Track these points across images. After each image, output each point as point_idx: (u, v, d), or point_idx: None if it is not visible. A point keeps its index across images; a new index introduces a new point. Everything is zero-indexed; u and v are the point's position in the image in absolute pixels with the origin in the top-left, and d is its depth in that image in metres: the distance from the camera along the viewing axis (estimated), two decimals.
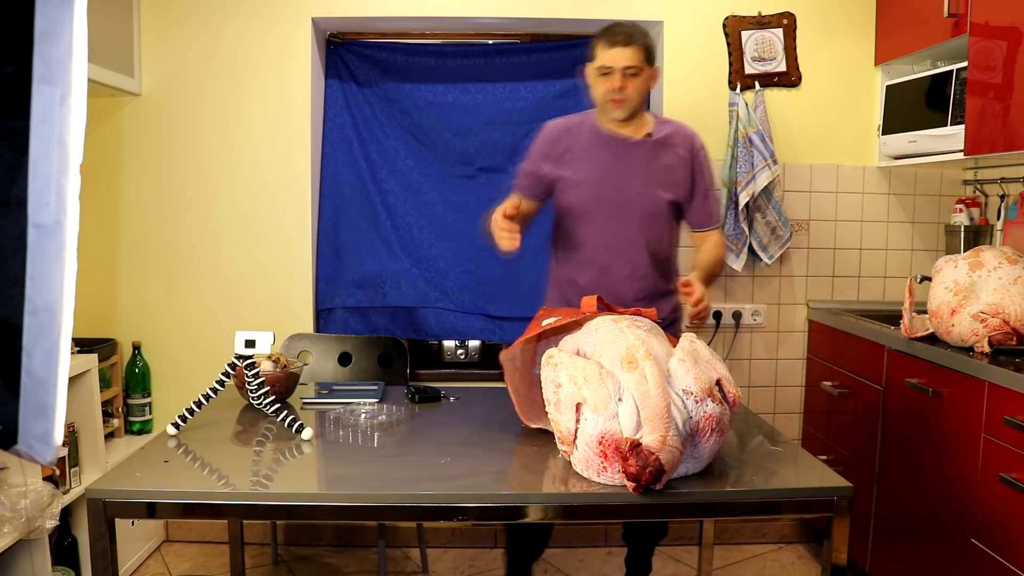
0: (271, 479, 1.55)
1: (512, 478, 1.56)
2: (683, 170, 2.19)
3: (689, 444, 1.43)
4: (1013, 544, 1.84)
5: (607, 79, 2.09)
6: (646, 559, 2.45)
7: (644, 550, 2.45)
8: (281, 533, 2.95)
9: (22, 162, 0.61)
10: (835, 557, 1.47)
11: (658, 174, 2.16)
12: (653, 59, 2.13)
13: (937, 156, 2.56)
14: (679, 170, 2.18)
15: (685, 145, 2.20)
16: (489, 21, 2.91)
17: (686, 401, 1.42)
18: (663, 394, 1.38)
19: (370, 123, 2.96)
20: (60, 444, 0.67)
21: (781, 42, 2.87)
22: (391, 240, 2.97)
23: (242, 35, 2.82)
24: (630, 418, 1.38)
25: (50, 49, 0.61)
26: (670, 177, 2.17)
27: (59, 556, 2.40)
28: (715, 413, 1.43)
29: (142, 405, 2.86)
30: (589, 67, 2.15)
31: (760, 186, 2.78)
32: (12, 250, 0.62)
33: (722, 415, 1.45)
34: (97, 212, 2.84)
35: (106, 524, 1.42)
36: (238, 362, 1.78)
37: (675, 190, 2.18)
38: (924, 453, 2.22)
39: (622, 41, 2.07)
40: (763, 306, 2.98)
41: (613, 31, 2.09)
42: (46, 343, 0.63)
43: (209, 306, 2.89)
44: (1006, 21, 2.22)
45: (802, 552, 2.94)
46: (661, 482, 1.38)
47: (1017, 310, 2.04)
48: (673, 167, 2.18)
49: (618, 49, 2.07)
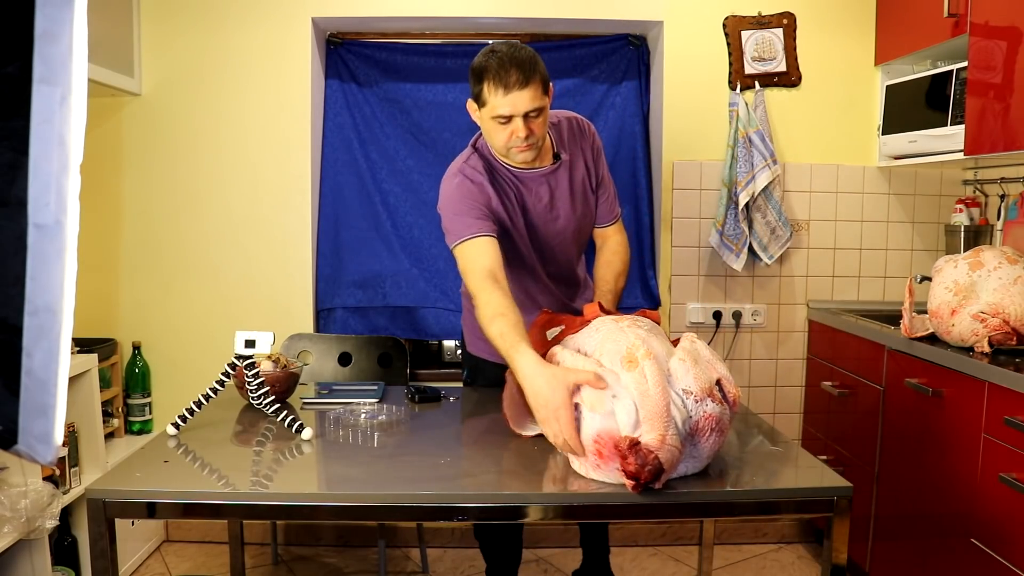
0: (271, 479, 1.55)
1: (512, 478, 1.56)
2: (592, 167, 2.04)
3: (689, 444, 1.43)
4: (1013, 544, 1.84)
5: (507, 126, 1.82)
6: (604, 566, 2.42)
7: (601, 555, 2.41)
8: (281, 533, 2.95)
9: (22, 162, 0.61)
10: (835, 557, 1.47)
11: (579, 192, 2.02)
12: (549, 83, 1.86)
13: (937, 156, 2.56)
14: (590, 172, 2.04)
15: (585, 140, 2.02)
16: (489, 21, 2.91)
17: (686, 400, 1.42)
18: (663, 393, 1.38)
19: (370, 123, 2.96)
20: (60, 444, 0.67)
21: (781, 42, 2.87)
22: (391, 240, 2.97)
23: (242, 35, 2.82)
24: (628, 416, 1.38)
25: (50, 49, 0.61)
26: (586, 187, 2.03)
27: (59, 556, 2.40)
28: (715, 413, 1.43)
29: (142, 405, 2.86)
30: (480, 111, 1.87)
31: (760, 186, 2.78)
32: (12, 250, 0.62)
33: (722, 415, 1.45)
34: (97, 212, 2.84)
35: (106, 524, 1.42)
36: (238, 362, 1.78)
37: (591, 198, 2.04)
38: (924, 453, 2.22)
39: (518, 82, 1.77)
40: (763, 306, 2.98)
41: (503, 68, 1.77)
42: (46, 343, 0.63)
43: (209, 306, 2.89)
44: (1006, 21, 2.22)
45: (802, 552, 2.94)
46: (660, 481, 1.38)
47: (1017, 310, 2.04)
48: (586, 173, 2.03)
49: (515, 93, 1.77)
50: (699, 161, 2.92)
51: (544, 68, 1.85)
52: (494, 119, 1.84)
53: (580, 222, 2.06)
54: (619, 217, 2.15)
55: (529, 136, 1.84)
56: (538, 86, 1.81)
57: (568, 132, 2.03)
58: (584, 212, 2.06)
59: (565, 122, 2.04)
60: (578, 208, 2.04)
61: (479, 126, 1.95)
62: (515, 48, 1.83)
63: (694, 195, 2.93)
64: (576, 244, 2.10)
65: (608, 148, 2.97)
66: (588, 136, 2.05)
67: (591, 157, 2.04)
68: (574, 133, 2.03)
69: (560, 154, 2.00)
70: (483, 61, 1.83)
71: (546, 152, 1.98)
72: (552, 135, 2.00)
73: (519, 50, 1.82)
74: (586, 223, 2.08)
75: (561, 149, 2.00)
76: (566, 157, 2.00)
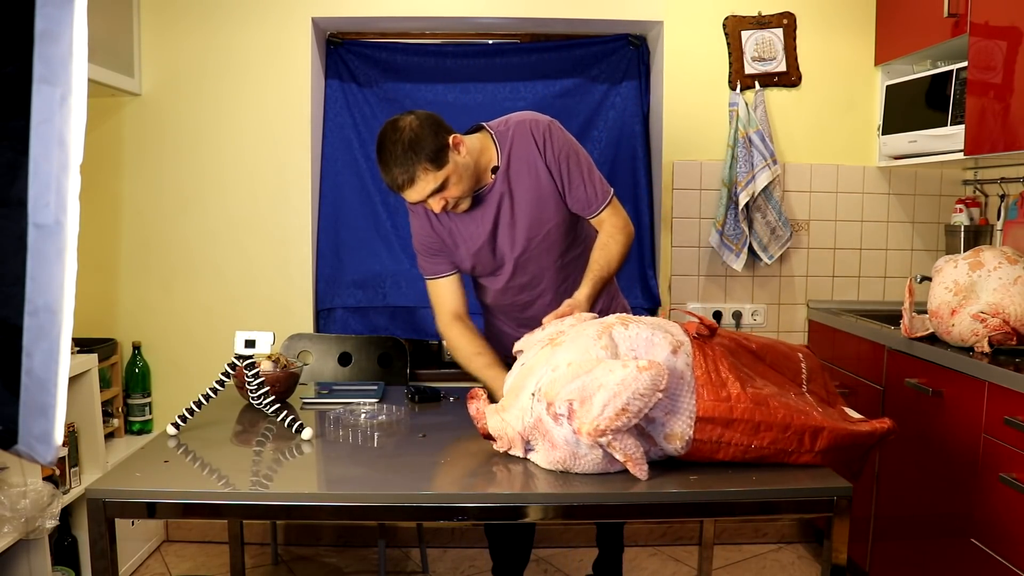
0: (271, 479, 1.55)
1: (512, 478, 1.56)
2: (542, 170, 1.93)
3: (528, 435, 1.53)
4: (1013, 544, 1.84)
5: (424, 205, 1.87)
6: (616, 564, 2.43)
7: (614, 554, 2.42)
8: (281, 533, 2.95)
9: (22, 162, 0.61)
10: (835, 557, 1.47)
11: (528, 200, 1.94)
12: (443, 154, 1.79)
13: (937, 156, 2.56)
14: (540, 173, 1.93)
15: (529, 142, 1.93)
16: (489, 21, 2.91)
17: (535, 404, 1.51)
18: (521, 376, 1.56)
19: (370, 123, 2.96)
20: (60, 444, 0.67)
21: (781, 42, 2.87)
22: (391, 240, 2.97)
23: (242, 35, 2.82)
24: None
25: (50, 49, 0.61)
26: (539, 189, 1.94)
27: (59, 556, 2.40)
28: (546, 423, 1.48)
29: (142, 405, 2.86)
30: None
31: (760, 186, 2.78)
32: (12, 250, 0.62)
33: (552, 429, 1.48)
34: (97, 212, 2.84)
35: (106, 524, 1.42)
36: (238, 362, 1.78)
37: (549, 198, 1.95)
38: (924, 453, 2.22)
39: (405, 182, 1.78)
40: (763, 306, 2.98)
41: (386, 172, 1.80)
42: (46, 343, 0.63)
43: (209, 306, 2.89)
44: (1006, 21, 2.22)
45: (802, 552, 2.94)
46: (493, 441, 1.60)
47: (1017, 310, 2.04)
48: (536, 175, 1.93)
49: (408, 191, 1.80)
50: (699, 161, 2.92)
51: (430, 143, 1.77)
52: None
53: (534, 227, 1.96)
54: (610, 200, 1.98)
55: (446, 204, 1.85)
56: (427, 170, 1.77)
57: (512, 137, 1.94)
58: (543, 215, 1.96)
59: (512, 127, 1.95)
60: (533, 213, 1.95)
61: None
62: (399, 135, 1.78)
63: (694, 195, 2.93)
64: (548, 250, 2.00)
65: (608, 148, 2.97)
66: (534, 136, 1.93)
67: (540, 155, 1.93)
68: (517, 138, 1.94)
69: (498, 166, 1.93)
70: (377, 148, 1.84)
71: (483, 176, 1.94)
72: (498, 142, 1.94)
73: (396, 142, 1.77)
74: (544, 226, 1.97)
75: (502, 159, 1.93)
76: (503, 167, 1.93)
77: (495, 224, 1.96)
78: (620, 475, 1.50)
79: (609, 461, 1.47)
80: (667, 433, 1.48)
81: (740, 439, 1.47)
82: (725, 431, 1.47)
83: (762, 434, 1.48)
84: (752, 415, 1.47)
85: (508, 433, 1.55)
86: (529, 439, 1.54)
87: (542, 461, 1.52)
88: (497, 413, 1.58)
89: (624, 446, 1.42)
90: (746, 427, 1.47)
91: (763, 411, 1.48)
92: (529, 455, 1.57)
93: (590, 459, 1.47)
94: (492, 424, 1.58)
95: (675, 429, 1.47)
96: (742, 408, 1.47)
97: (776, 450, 1.49)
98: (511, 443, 1.56)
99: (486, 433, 1.59)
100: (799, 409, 1.52)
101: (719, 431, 1.47)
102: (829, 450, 1.52)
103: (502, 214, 1.96)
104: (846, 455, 1.58)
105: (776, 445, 1.49)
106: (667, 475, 1.50)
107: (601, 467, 1.48)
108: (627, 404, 1.37)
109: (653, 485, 1.46)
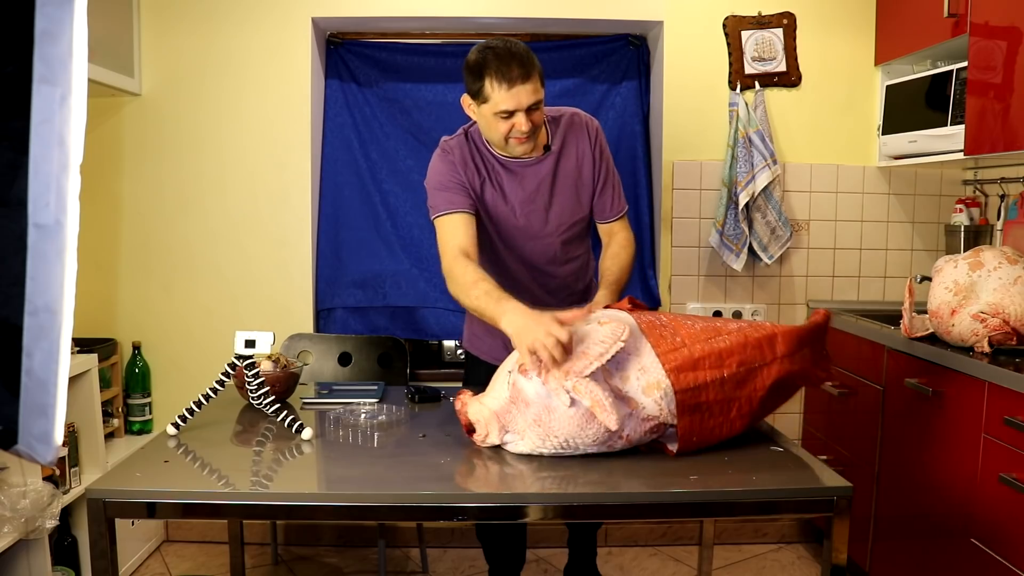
0: (271, 479, 1.55)
1: (512, 478, 1.56)
2: (588, 164, 2.03)
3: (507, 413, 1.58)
4: (1013, 544, 1.84)
5: (508, 121, 1.85)
6: (591, 567, 2.43)
7: (589, 556, 2.42)
8: (281, 533, 2.95)
9: (22, 162, 0.61)
10: (835, 557, 1.47)
11: (568, 185, 2.02)
12: (544, 76, 1.88)
13: (937, 156, 2.56)
14: (585, 167, 2.03)
15: (584, 135, 2.02)
16: (489, 21, 2.91)
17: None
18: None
19: (370, 123, 2.96)
20: (60, 444, 0.67)
21: (781, 42, 2.87)
22: (391, 240, 2.97)
23: (242, 35, 2.82)
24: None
25: (50, 49, 0.61)
26: (579, 180, 2.03)
27: (59, 556, 2.40)
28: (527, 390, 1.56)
29: (142, 405, 2.86)
30: (480, 107, 1.88)
31: (760, 186, 2.78)
32: (12, 250, 0.62)
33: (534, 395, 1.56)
34: (97, 212, 2.84)
35: (106, 524, 1.42)
36: (238, 362, 1.78)
37: (585, 191, 2.04)
38: (924, 453, 2.22)
39: (520, 77, 1.80)
40: (763, 306, 2.98)
41: (504, 64, 1.80)
42: (46, 343, 0.63)
43: (209, 306, 2.89)
44: (1006, 21, 2.22)
45: (802, 552, 2.94)
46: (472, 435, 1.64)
47: (1017, 310, 2.04)
48: (580, 167, 2.02)
49: (518, 87, 1.80)
50: (699, 161, 2.92)
51: (538, 60, 1.88)
52: (496, 115, 1.86)
53: (565, 214, 2.04)
54: (625, 214, 2.13)
55: (530, 130, 1.88)
56: (537, 79, 1.85)
57: (567, 125, 2.04)
58: (571, 204, 2.04)
59: (567, 116, 2.06)
60: (563, 199, 2.03)
61: (474, 120, 1.98)
62: (511, 44, 1.86)
63: (694, 195, 2.93)
64: (559, 235, 2.05)
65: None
66: (588, 131, 2.05)
67: (590, 151, 2.03)
68: (572, 127, 2.04)
69: (550, 145, 2.01)
70: (480, 57, 1.85)
71: (539, 143, 2.00)
72: (549, 127, 2.02)
73: (515, 45, 1.86)
74: (575, 216, 2.05)
75: (555, 141, 2.02)
76: (556, 148, 2.01)
77: (532, 198, 2.01)
78: (620, 475, 1.50)
79: (583, 417, 1.51)
80: (644, 386, 1.54)
81: (712, 375, 1.55)
82: (695, 373, 1.55)
83: (727, 360, 1.57)
84: (711, 347, 1.58)
85: (484, 415, 1.60)
86: (507, 423, 1.58)
87: (518, 442, 1.58)
88: (477, 400, 1.64)
89: (590, 391, 1.49)
90: (711, 360, 1.56)
91: (718, 340, 1.59)
92: (506, 444, 1.61)
93: (563, 413, 1.52)
94: (472, 411, 1.62)
95: (649, 380, 1.55)
96: (700, 347, 1.57)
97: (747, 371, 1.58)
98: (487, 427, 1.60)
99: (468, 425, 1.64)
100: (747, 327, 1.65)
101: (690, 376, 1.54)
102: (791, 353, 1.61)
103: (540, 192, 2.01)
104: (811, 356, 1.66)
105: (744, 365, 1.58)
106: (667, 475, 1.50)
107: (576, 423, 1.52)
108: (586, 348, 1.53)
109: (653, 485, 1.46)
